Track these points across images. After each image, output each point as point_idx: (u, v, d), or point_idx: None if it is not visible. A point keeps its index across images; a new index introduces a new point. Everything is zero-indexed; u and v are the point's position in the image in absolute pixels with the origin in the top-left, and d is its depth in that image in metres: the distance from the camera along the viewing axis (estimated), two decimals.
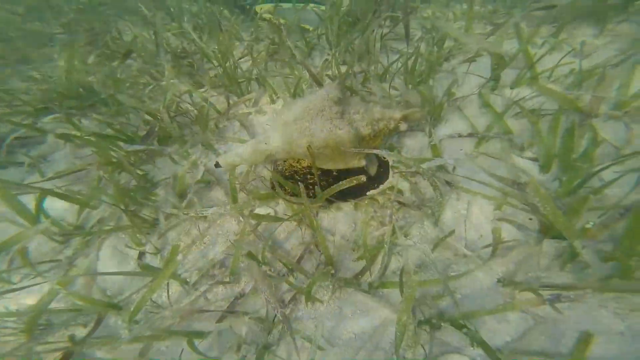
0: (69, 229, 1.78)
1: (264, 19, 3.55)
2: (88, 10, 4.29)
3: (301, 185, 1.69)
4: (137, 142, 2.31)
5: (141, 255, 1.85)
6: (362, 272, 1.62)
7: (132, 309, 1.44)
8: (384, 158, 2.08)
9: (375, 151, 1.68)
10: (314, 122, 1.72)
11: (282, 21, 3.38)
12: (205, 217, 1.95)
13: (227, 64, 2.76)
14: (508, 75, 2.38)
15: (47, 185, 2.00)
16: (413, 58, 2.43)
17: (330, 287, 1.61)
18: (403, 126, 1.82)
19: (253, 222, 1.82)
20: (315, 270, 1.69)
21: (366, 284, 1.57)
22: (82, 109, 2.76)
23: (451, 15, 3.28)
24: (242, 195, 2.10)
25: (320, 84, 2.56)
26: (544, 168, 1.87)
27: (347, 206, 1.99)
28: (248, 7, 4.18)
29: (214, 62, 2.97)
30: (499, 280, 1.50)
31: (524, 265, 1.53)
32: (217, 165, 1.99)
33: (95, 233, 1.81)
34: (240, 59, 3.24)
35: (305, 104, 1.77)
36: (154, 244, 1.87)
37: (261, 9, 4.12)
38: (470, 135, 2.14)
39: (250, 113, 2.73)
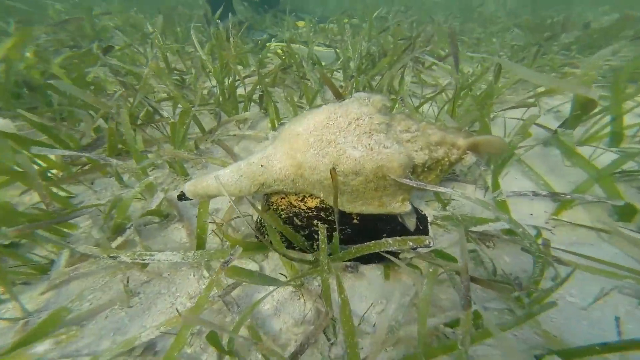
0: None
1: (275, 52, 3.23)
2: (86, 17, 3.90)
3: (321, 227, 1.03)
4: (74, 149, 1.62)
5: None
6: None
7: None
8: (421, 211, 1.47)
9: (439, 189, 1.05)
10: (344, 134, 1.13)
11: (295, 50, 3.05)
12: (145, 265, 1.20)
13: (227, 80, 2.27)
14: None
15: None
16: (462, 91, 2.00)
17: None
18: (468, 159, 1.25)
19: (225, 280, 1.09)
20: None
21: None
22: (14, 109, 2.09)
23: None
24: (214, 241, 1.38)
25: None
26: None
27: (371, 272, 1.30)
28: (259, 42, 3.96)
29: (211, 77, 2.49)
30: None
31: None
32: (181, 196, 1.31)
33: None
34: (245, 77, 2.78)
35: (330, 109, 1.20)
36: (23, 304, 1.05)
37: (271, 45, 3.90)
38: (551, 195, 1.58)
39: (243, 136, 2.13)
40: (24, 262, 1.14)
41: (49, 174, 1.57)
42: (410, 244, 0.98)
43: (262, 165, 1.27)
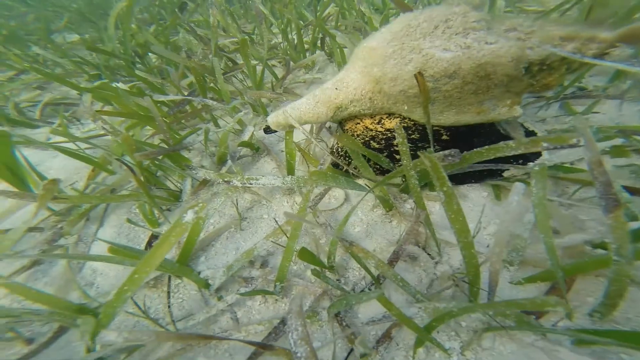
0: (70, 197, 1.26)
1: None
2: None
3: (403, 145, 0.96)
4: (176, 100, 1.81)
5: (153, 238, 1.25)
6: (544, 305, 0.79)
7: (100, 318, 0.81)
8: (529, 128, 1.24)
9: (601, 62, 0.85)
10: (431, 38, 0.98)
11: None
12: (250, 189, 1.31)
13: (290, 30, 2.22)
14: None
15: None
16: None
17: (469, 326, 0.81)
18: (618, 52, 0.97)
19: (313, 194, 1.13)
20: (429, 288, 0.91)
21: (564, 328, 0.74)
22: (129, 74, 2.41)
23: None
24: (301, 171, 1.44)
25: None
26: None
27: (474, 192, 1.19)
28: None
29: (276, 34, 2.47)
30: None
31: None
32: (266, 129, 1.36)
33: (95, 200, 1.26)
34: (306, 24, 2.69)
35: (409, 17, 1.04)
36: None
37: None
38: None
39: (312, 81, 2.11)
40: (162, 186, 1.37)
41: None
42: (545, 144, 0.81)
43: (336, 89, 1.22)
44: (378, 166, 1.24)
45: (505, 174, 1.14)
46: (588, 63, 0.93)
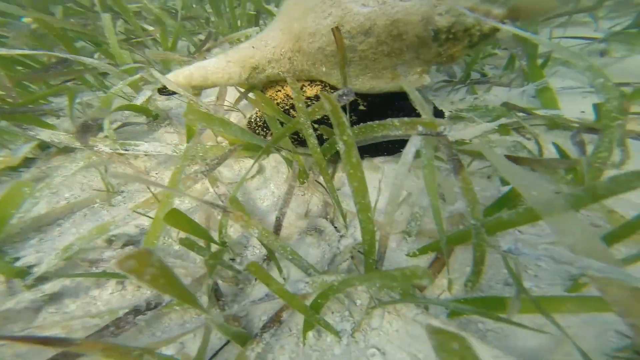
0: None
1: None
2: None
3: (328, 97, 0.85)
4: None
5: None
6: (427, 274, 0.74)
7: None
8: (439, 108, 1.27)
9: (502, 26, 0.84)
10: None
11: None
12: (129, 160, 1.07)
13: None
14: None
15: None
16: None
17: (363, 304, 0.73)
18: (505, 32, 1.01)
19: (211, 159, 0.95)
20: (329, 266, 0.81)
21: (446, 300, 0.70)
22: None
23: None
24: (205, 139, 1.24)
25: None
26: None
27: (388, 164, 1.15)
28: None
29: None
30: None
31: None
32: (162, 89, 1.12)
33: None
34: None
35: None
36: None
37: None
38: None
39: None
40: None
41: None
42: (420, 128, 0.79)
43: (253, 47, 1.08)
44: (297, 137, 1.13)
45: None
46: (486, 34, 0.96)
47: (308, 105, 1.12)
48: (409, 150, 0.69)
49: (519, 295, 0.52)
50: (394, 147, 1.12)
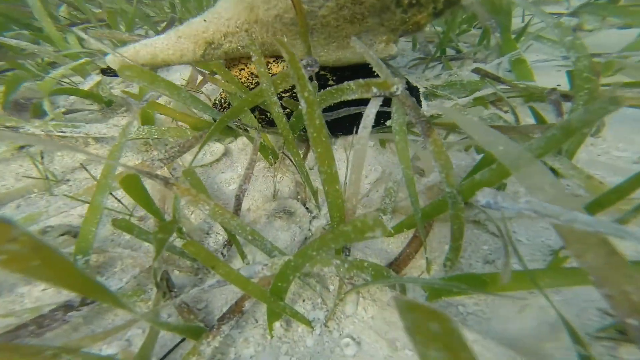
0: None
1: None
2: None
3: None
4: None
5: None
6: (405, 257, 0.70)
7: None
8: (412, 84, 1.22)
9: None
10: None
11: None
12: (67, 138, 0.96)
13: None
14: None
15: None
16: None
17: (335, 287, 0.67)
18: None
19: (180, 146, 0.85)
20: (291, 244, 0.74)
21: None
22: None
23: None
24: (164, 120, 1.14)
25: None
26: None
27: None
28: None
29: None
30: None
31: None
32: (105, 70, 1.02)
33: None
34: None
35: None
36: None
37: None
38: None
39: None
40: None
41: None
42: (375, 89, 0.73)
43: (205, 20, 0.99)
44: (264, 117, 1.05)
45: (389, 123, 1.07)
46: (451, 1, 0.91)
47: None
48: (368, 112, 0.62)
49: (508, 261, 0.47)
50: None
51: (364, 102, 1.02)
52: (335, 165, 0.59)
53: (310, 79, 0.99)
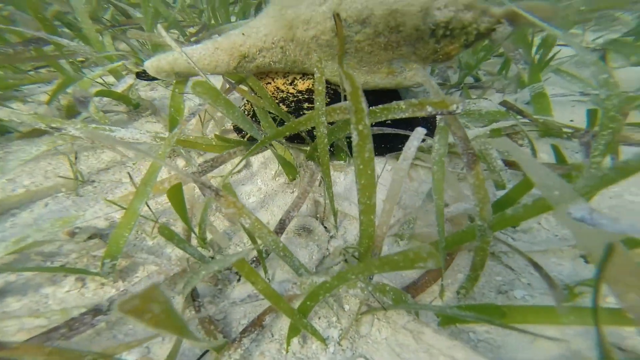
0: None
1: None
2: None
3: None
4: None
5: None
6: (424, 283, 0.71)
7: None
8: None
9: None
10: None
11: None
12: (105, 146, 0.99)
13: None
14: None
15: None
16: None
17: (352, 310, 0.68)
18: (502, 29, 0.99)
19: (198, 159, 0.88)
20: (317, 266, 0.75)
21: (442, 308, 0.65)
22: None
23: None
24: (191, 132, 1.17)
25: None
26: None
27: (379, 167, 1.10)
28: None
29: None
30: None
31: None
32: (140, 74, 1.06)
33: None
34: None
35: None
36: None
37: None
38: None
39: None
40: None
41: None
42: (430, 108, 0.75)
43: (243, 34, 1.03)
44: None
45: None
46: (482, 33, 0.94)
47: (298, 100, 1.08)
48: (411, 144, 0.64)
49: (559, 293, 0.48)
50: (385, 149, 1.09)
51: (382, 123, 1.05)
52: (375, 197, 0.61)
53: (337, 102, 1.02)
